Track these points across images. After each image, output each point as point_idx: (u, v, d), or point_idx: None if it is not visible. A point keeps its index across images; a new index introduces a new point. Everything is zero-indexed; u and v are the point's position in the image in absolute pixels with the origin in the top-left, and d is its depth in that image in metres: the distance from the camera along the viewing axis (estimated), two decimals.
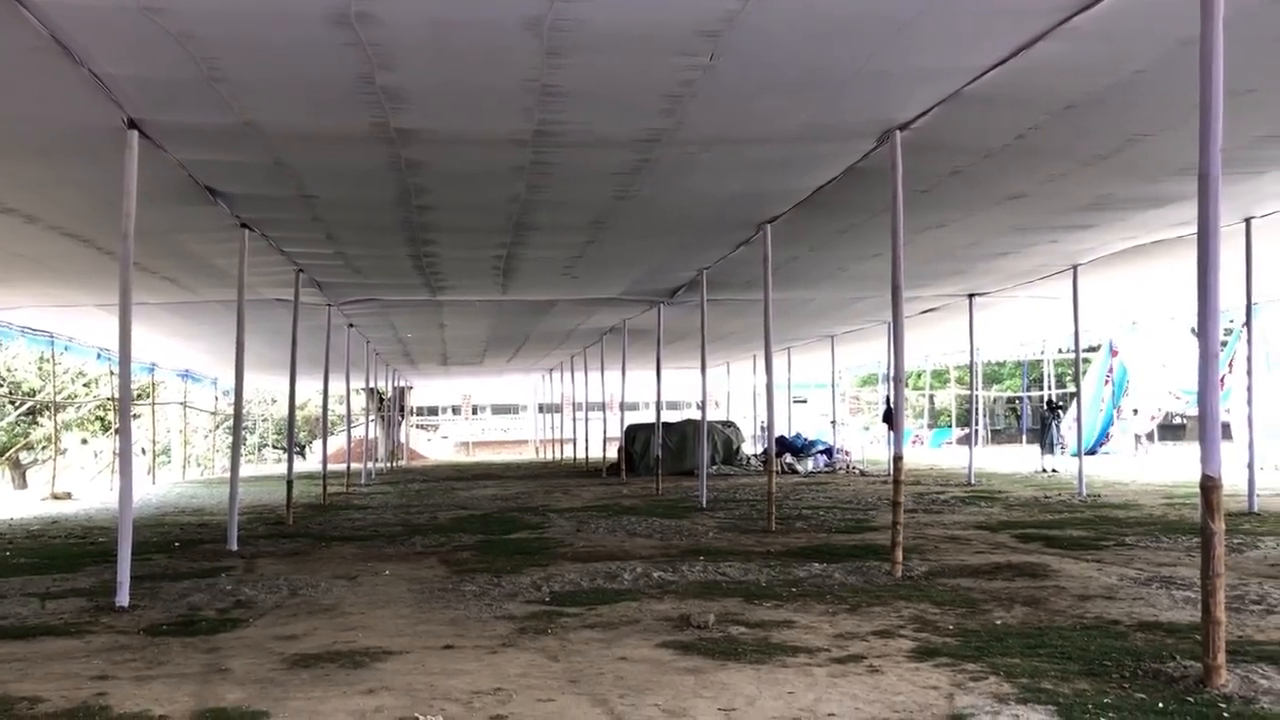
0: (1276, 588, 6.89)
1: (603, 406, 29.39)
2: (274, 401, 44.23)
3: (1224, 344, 25.14)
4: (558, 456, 37.01)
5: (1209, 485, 4.60)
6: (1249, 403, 13.24)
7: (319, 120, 7.58)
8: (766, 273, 11.79)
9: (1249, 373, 13.44)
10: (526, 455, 45.26)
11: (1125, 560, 8.41)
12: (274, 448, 44.22)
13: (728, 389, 39.80)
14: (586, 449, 29.36)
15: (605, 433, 30.29)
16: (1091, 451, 27.11)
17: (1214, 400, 4.75)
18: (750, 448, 28.32)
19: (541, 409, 45.78)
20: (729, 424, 27.01)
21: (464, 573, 8.51)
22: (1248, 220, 11.44)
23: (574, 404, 33.55)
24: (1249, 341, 13.43)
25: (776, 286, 12.61)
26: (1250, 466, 12.23)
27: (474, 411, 62.99)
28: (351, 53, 6.09)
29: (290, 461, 14.68)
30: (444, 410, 63.00)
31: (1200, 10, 4.59)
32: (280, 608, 7.13)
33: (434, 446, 51.21)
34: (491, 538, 11.19)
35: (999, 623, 6.02)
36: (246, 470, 32.60)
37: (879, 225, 10.78)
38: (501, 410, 62.11)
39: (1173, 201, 10.50)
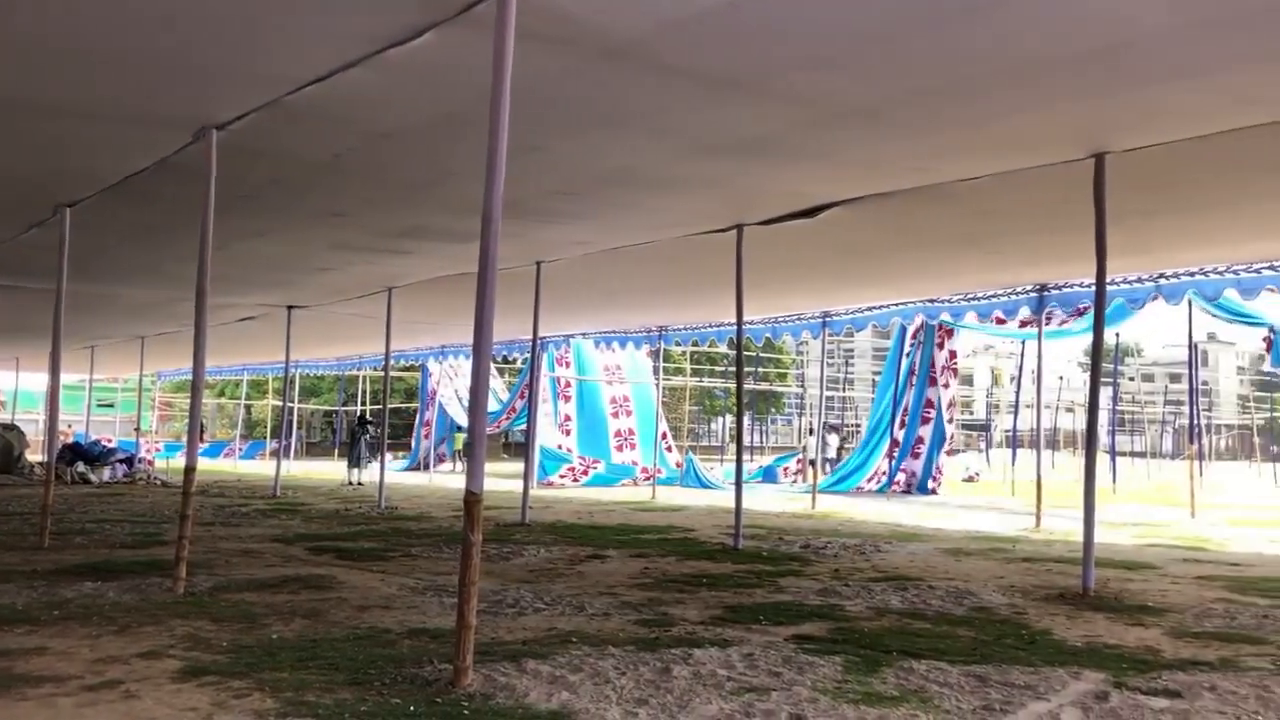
0: (530, 592, 7.74)
1: None
2: None
3: (519, 372, 27.99)
4: None
5: (471, 500, 5.05)
6: (530, 425, 14.84)
7: None
8: (62, 261, 10.62)
9: (530, 399, 15.10)
10: None
11: (408, 570, 8.89)
12: None
13: (16, 387, 35.32)
14: None
15: None
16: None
17: (483, 421, 5.22)
18: (39, 454, 25.32)
19: None
20: (11, 427, 23.94)
21: None
22: (538, 264, 12.85)
23: None
24: (533, 372, 15.07)
25: (78, 278, 11.43)
26: (526, 480, 13.68)
27: None
28: None
29: None
30: None
31: (492, 67, 5.03)
32: None
33: None
34: None
35: (275, 637, 5.99)
36: None
37: (196, 224, 10.32)
38: None
39: (478, 238, 11.40)
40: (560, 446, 24.57)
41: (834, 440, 26.22)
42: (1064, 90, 6.45)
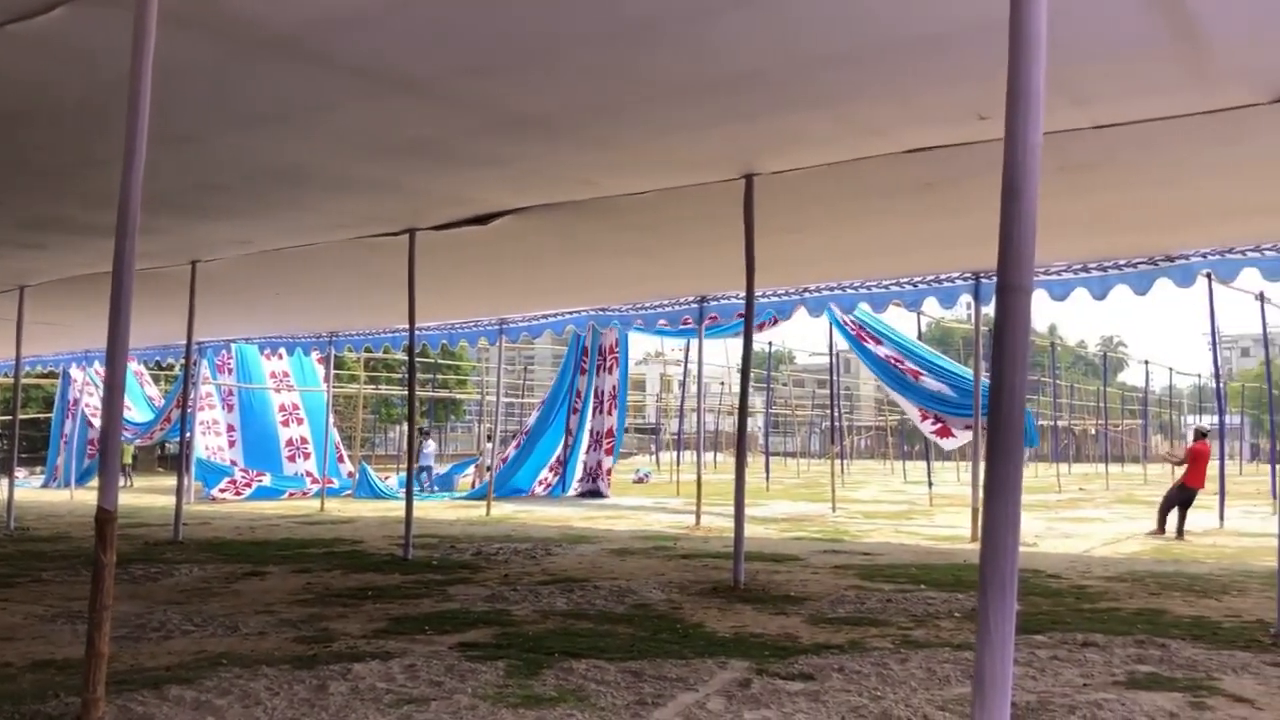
0: (179, 613, 7.25)
1: None
2: None
3: (175, 379, 26.17)
4: None
5: (104, 518, 4.62)
6: (182, 436, 13.91)
7: None
8: None
9: (185, 405, 14.18)
10: None
11: (37, 597, 8.07)
12: None
13: None
14: None
15: None
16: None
17: (116, 432, 4.83)
18: None
19: None
20: None
21: None
22: (194, 263, 12.07)
23: None
24: (186, 379, 14.15)
25: None
26: (179, 494, 12.81)
27: None
28: None
29: None
30: None
31: (131, 50, 4.66)
32: None
33: None
34: None
35: None
36: None
37: None
38: None
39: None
40: (223, 458, 23.19)
41: (431, 446, 26.44)
42: (715, 114, 6.83)
